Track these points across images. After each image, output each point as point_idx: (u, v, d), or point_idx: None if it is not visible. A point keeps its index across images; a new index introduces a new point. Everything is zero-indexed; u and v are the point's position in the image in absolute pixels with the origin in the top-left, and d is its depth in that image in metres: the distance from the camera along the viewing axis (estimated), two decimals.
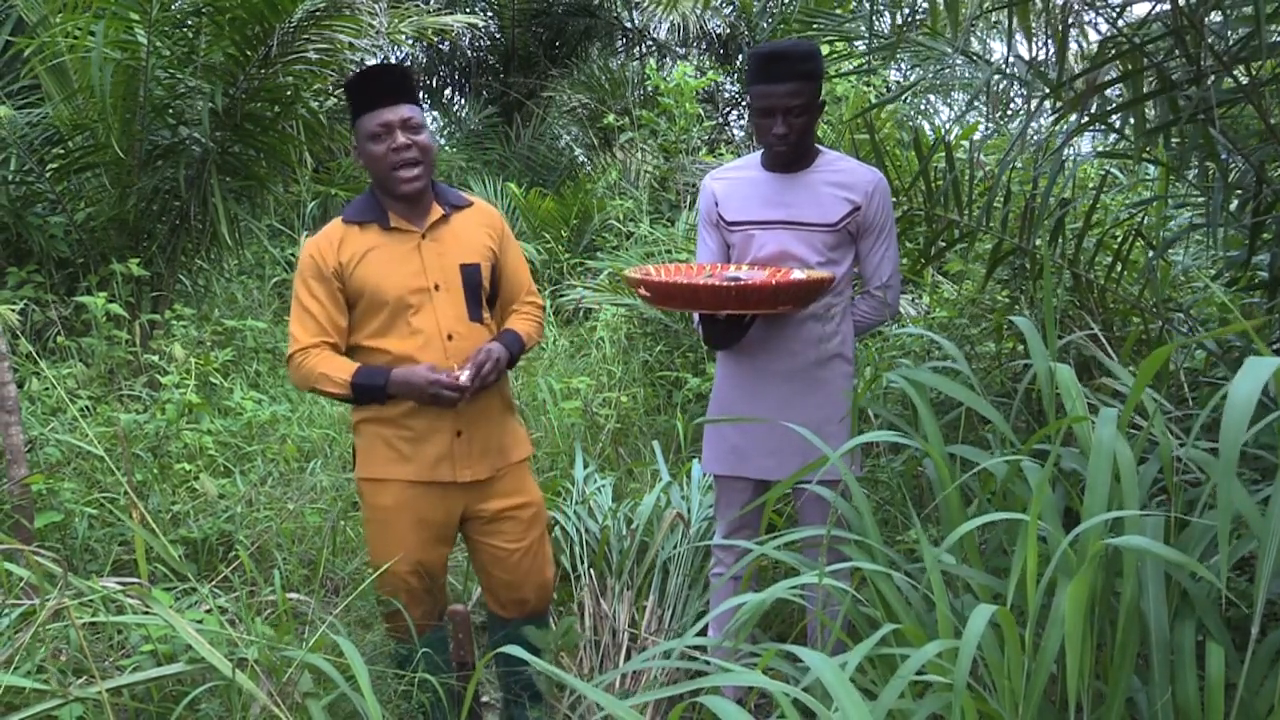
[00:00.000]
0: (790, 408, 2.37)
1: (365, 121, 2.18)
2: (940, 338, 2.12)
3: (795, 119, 2.27)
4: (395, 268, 2.22)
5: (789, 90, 2.24)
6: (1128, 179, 4.71)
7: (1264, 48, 2.16)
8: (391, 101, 2.17)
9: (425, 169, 2.20)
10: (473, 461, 2.28)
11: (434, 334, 2.21)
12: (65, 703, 1.79)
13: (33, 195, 4.79)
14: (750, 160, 2.49)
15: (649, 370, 5.03)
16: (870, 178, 2.37)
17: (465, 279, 2.26)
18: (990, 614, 1.37)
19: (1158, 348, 1.62)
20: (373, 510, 2.32)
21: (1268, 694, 1.48)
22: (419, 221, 2.26)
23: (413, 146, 2.17)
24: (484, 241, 2.33)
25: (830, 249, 2.35)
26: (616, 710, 1.37)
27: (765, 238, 2.38)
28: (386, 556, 2.29)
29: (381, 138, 2.16)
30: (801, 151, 2.36)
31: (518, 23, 10.02)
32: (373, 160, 2.19)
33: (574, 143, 9.21)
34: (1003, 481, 1.80)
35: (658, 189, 7.68)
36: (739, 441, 2.44)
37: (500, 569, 2.40)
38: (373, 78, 2.20)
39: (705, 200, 2.49)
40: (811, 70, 2.27)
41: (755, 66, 2.29)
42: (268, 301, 6.40)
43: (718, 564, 2.56)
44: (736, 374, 2.44)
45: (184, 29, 4.62)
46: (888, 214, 2.41)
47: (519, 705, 2.52)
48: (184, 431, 3.57)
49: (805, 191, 2.37)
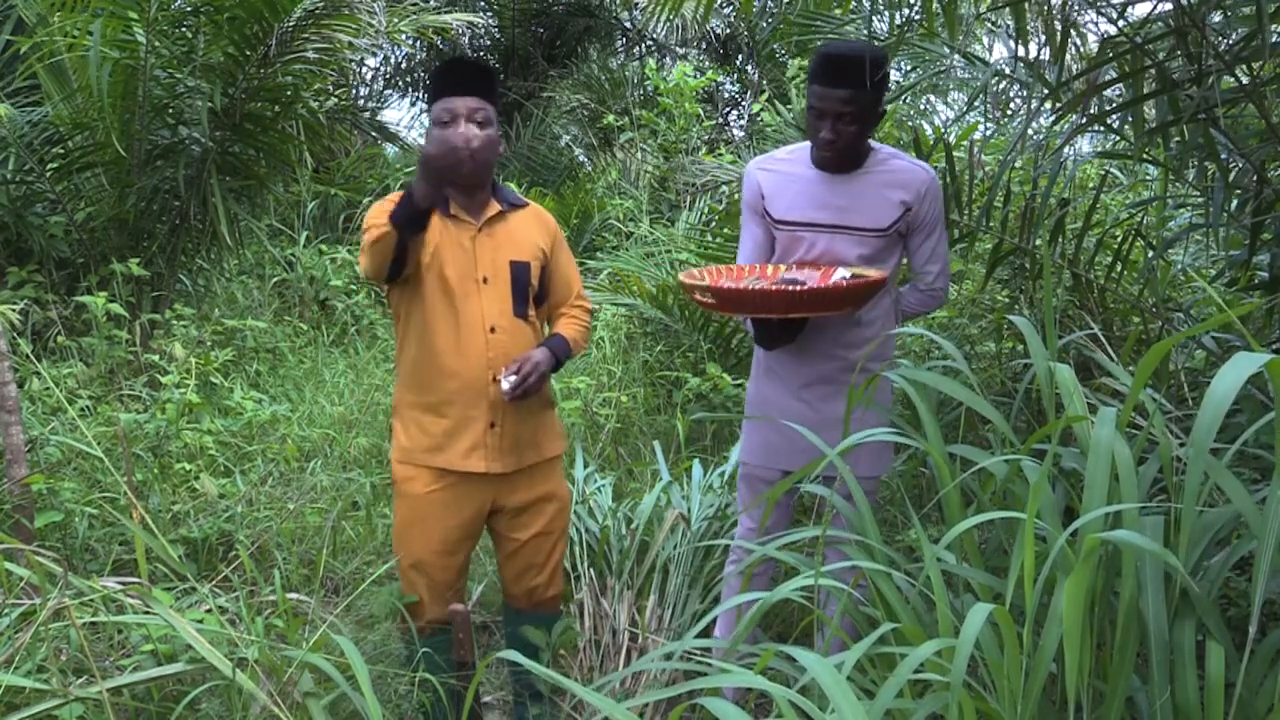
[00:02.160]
0: (826, 407, 2.37)
1: (436, 107, 2.25)
2: (940, 338, 2.12)
3: (845, 126, 2.22)
4: (450, 252, 2.27)
5: (843, 97, 2.19)
6: (1128, 179, 4.71)
7: (1265, 47, 2.16)
8: (464, 92, 2.23)
9: (480, 161, 2.23)
10: (503, 454, 2.31)
11: (477, 325, 2.25)
12: (65, 702, 1.79)
13: (33, 195, 4.79)
14: (799, 152, 2.41)
15: (649, 370, 5.03)
16: (924, 177, 2.33)
17: (514, 275, 2.30)
18: (988, 613, 1.37)
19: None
20: (403, 497, 2.35)
21: (1267, 693, 1.48)
22: (476, 214, 2.31)
23: (475, 137, 2.21)
24: (536, 242, 2.36)
25: (879, 251, 2.34)
26: (615, 713, 1.37)
27: (814, 239, 2.35)
28: (413, 542, 2.33)
29: (447, 124, 2.22)
30: (850, 155, 2.31)
31: (517, 22, 10.02)
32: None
33: (574, 142, 9.21)
34: (1003, 481, 1.80)
35: (657, 189, 7.68)
36: (772, 437, 2.44)
37: (517, 559, 2.43)
38: (453, 67, 2.26)
39: (750, 189, 2.43)
40: (872, 78, 2.20)
41: (816, 65, 2.24)
42: (268, 301, 6.40)
43: (734, 560, 2.55)
44: (772, 371, 2.44)
45: (183, 28, 4.62)
46: (939, 212, 2.38)
47: (522, 704, 2.53)
48: (184, 431, 3.57)
49: (858, 195, 2.32)
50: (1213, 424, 1.29)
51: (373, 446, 4.34)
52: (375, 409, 4.80)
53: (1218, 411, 1.29)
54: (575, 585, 3.03)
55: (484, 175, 2.28)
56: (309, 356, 5.75)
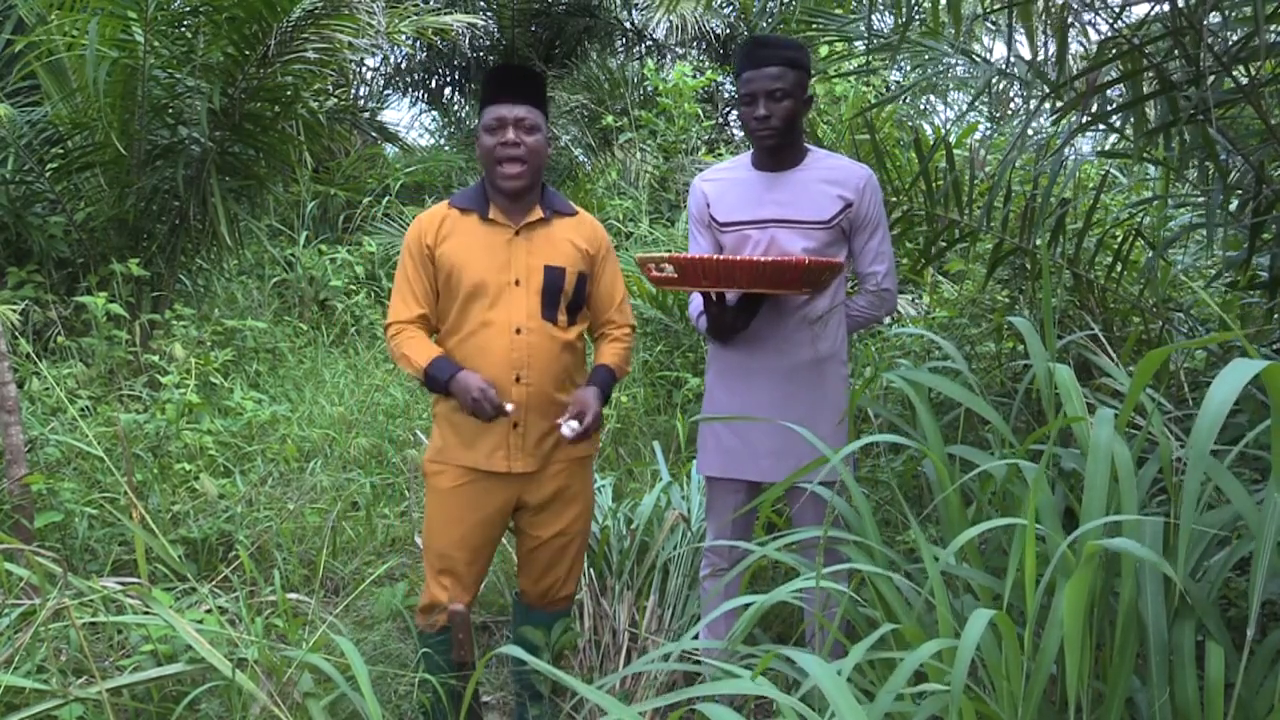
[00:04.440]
0: (784, 409, 2.37)
1: (485, 114, 2.30)
2: (940, 338, 2.12)
3: (777, 103, 2.28)
4: (481, 255, 2.31)
5: (772, 74, 2.27)
6: (1128, 179, 4.71)
7: (1263, 48, 2.16)
8: (513, 100, 2.27)
9: (530, 169, 2.28)
10: (525, 454, 2.33)
11: (504, 325, 2.28)
12: (65, 703, 1.79)
13: (32, 195, 4.79)
14: (740, 161, 2.49)
15: (649, 370, 5.03)
16: (861, 174, 2.38)
17: (546, 279, 2.32)
18: (988, 617, 1.37)
19: (1158, 348, 1.62)
20: (433, 492, 2.40)
21: (1267, 694, 1.48)
22: (516, 219, 2.34)
23: (521, 145, 2.25)
24: (577, 249, 2.38)
25: (824, 245, 2.36)
26: (616, 712, 1.37)
27: (759, 236, 2.38)
28: (441, 534, 2.36)
29: (495, 131, 2.26)
30: (788, 144, 2.36)
31: (517, 23, 10.02)
32: (483, 151, 2.31)
33: (573, 143, 9.21)
34: (1002, 482, 1.80)
35: (657, 189, 7.69)
36: (733, 443, 2.44)
37: (537, 557, 2.45)
38: (502, 74, 2.30)
39: (696, 201, 2.49)
40: (795, 58, 2.28)
41: (741, 54, 2.33)
42: (268, 301, 6.41)
43: (708, 566, 2.55)
44: (728, 375, 2.44)
45: (182, 28, 4.62)
46: (880, 209, 2.41)
47: (522, 704, 2.54)
48: (184, 431, 3.57)
49: (797, 189, 2.37)
50: (1211, 430, 1.29)
51: (373, 446, 4.34)
52: (375, 409, 4.80)
53: (1216, 418, 1.29)
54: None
55: (532, 180, 2.31)
56: (309, 357, 5.75)
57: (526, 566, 2.49)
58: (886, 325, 4.16)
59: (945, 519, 1.83)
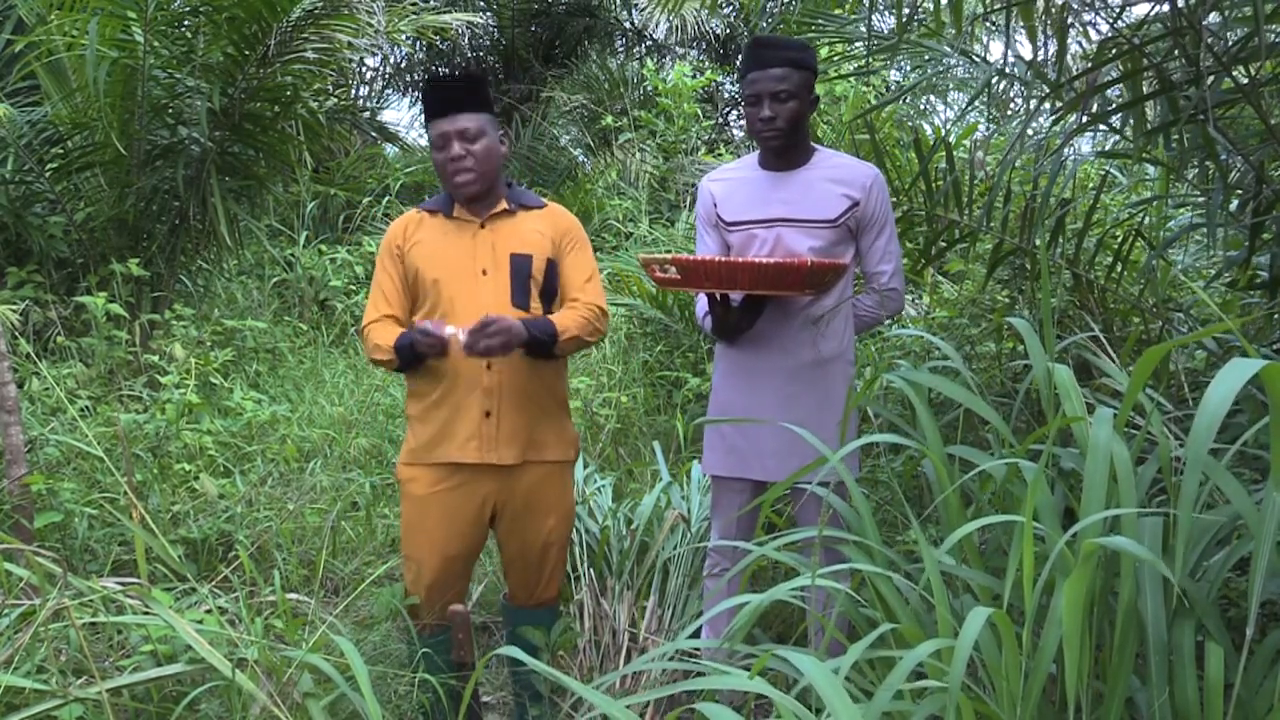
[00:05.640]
0: (789, 408, 2.37)
1: (429, 130, 2.36)
2: (938, 338, 2.12)
3: (781, 104, 2.29)
4: (446, 251, 2.36)
5: (776, 75, 2.27)
6: (1128, 179, 4.71)
7: (1263, 48, 2.16)
8: (453, 111, 2.31)
9: (480, 175, 2.33)
10: (500, 445, 2.32)
11: (472, 315, 2.29)
12: (65, 703, 1.79)
13: (32, 195, 4.79)
14: (747, 161, 2.49)
15: (649, 370, 5.03)
16: (868, 173, 2.38)
17: (514, 267, 2.35)
18: (987, 616, 1.37)
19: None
20: (408, 499, 2.40)
21: (1266, 694, 1.48)
22: (481, 213, 2.39)
23: (467, 156, 2.30)
24: (544, 236, 2.40)
25: (831, 245, 2.36)
26: (614, 712, 1.37)
27: (766, 235, 2.38)
28: (417, 545, 2.36)
29: (441, 148, 2.33)
30: (794, 144, 2.37)
31: (517, 22, 10.02)
32: (436, 166, 2.39)
33: (573, 143, 9.21)
34: (1002, 482, 1.80)
35: (657, 189, 7.69)
36: (738, 442, 2.44)
37: (518, 565, 2.46)
38: (435, 90, 2.33)
39: (704, 202, 2.50)
40: (800, 59, 2.29)
41: (745, 55, 2.34)
42: (268, 301, 6.41)
43: (714, 565, 2.55)
44: (734, 374, 2.45)
45: (181, 28, 4.62)
46: (886, 209, 2.41)
47: (522, 704, 2.53)
48: (184, 431, 3.58)
49: (803, 188, 2.37)
50: (1209, 430, 1.29)
51: (372, 446, 4.34)
52: (375, 409, 4.80)
53: (1214, 417, 1.29)
54: (575, 585, 3.03)
55: (486, 184, 2.35)
56: (309, 357, 5.75)
57: (509, 573, 2.51)
58: (887, 325, 4.17)
59: (945, 519, 1.83)
